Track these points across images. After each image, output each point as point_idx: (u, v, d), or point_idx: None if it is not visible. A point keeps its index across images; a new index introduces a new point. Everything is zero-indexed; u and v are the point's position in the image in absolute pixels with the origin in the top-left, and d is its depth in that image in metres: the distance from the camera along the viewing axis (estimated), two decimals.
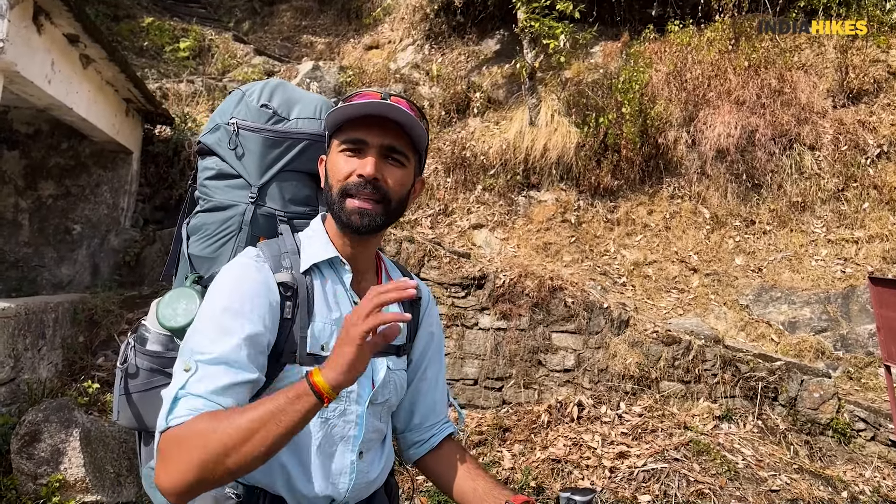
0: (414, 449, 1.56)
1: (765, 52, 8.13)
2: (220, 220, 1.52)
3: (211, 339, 1.18)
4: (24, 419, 3.84)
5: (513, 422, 5.34)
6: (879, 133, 7.29)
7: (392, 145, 1.31)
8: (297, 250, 1.37)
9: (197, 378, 1.14)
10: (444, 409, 1.61)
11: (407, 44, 11.11)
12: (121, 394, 1.48)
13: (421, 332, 1.55)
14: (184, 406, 1.11)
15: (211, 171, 1.57)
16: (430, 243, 6.29)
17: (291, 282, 1.30)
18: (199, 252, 1.53)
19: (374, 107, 1.26)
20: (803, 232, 6.95)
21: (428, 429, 1.56)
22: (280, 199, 1.53)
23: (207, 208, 1.54)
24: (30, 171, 6.51)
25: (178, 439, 1.08)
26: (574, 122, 7.92)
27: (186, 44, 10.36)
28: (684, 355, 5.50)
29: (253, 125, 1.53)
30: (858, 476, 4.80)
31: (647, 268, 6.96)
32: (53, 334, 5.02)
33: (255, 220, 1.50)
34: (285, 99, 1.59)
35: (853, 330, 6.03)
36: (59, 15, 4.52)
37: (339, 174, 1.31)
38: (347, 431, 1.33)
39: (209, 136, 1.59)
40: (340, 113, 1.29)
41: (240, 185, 1.53)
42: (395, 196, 1.33)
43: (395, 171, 1.33)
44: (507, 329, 5.74)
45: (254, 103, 1.56)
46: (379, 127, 1.29)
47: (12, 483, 3.68)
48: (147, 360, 1.47)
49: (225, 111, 1.59)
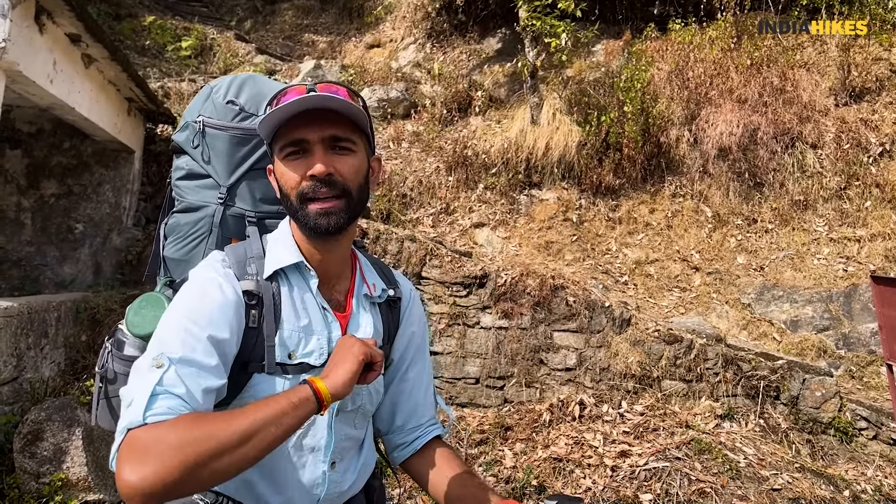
0: (398, 451, 1.51)
1: (767, 51, 8.11)
2: (192, 222, 1.48)
3: (180, 341, 1.12)
4: (26, 418, 3.85)
5: (514, 420, 5.34)
6: (882, 131, 7.27)
7: (334, 135, 1.24)
8: (264, 254, 1.32)
9: (171, 376, 1.06)
10: (430, 410, 1.54)
11: (408, 42, 11.11)
12: (101, 398, 1.45)
13: (401, 332, 1.50)
14: (163, 404, 1.02)
15: (182, 170, 1.52)
16: (432, 242, 6.29)
17: (256, 289, 1.25)
18: (173, 254, 1.49)
19: (302, 102, 1.20)
20: (805, 230, 6.94)
21: (411, 431, 1.50)
22: (250, 199, 1.48)
23: (180, 209, 1.50)
24: (32, 170, 6.53)
25: (160, 437, 0.98)
26: (576, 120, 7.91)
27: (188, 43, 10.37)
28: (686, 354, 5.50)
29: (219, 123, 1.48)
30: (860, 475, 4.79)
31: (649, 266, 6.95)
32: (56, 333, 5.03)
33: (224, 222, 1.46)
34: (254, 94, 1.53)
35: (855, 328, 6.02)
36: (61, 14, 4.53)
37: (291, 181, 1.24)
38: (318, 441, 1.30)
39: (179, 134, 1.54)
40: (271, 119, 1.22)
41: (209, 185, 1.49)
42: (353, 185, 1.26)
43: (346, 160, 1.26)
44: (509, 328, 5.74)
45: (220, 100, 1.50)
46: (316, 121, 1.22)
47: (15, 482, 3.69)
48: (124, 364, 1.41)
49: (193, 109, 1.53)
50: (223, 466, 0.97)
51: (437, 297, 5.85)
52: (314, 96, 1.19)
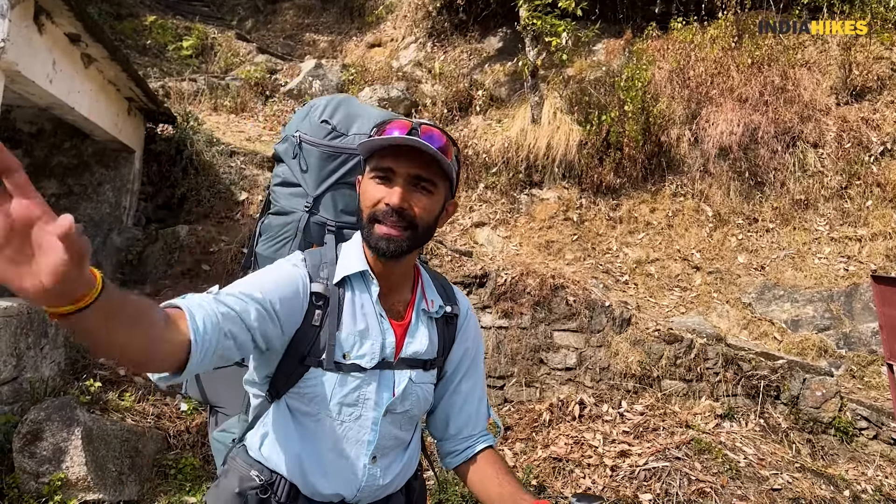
0: (450, 458, 1.61)
1: (768, 50, 8.09)
2: (281, 224, 1.66)
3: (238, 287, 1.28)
4: (26, 418, 3.85)
5: (514, 420, 5.34)
6: (883, 130, 7.25)
7: (419, 174, 1.34)
8: (336, 261, 1.44)
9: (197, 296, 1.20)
10: (482, 422, 1.64)
11: (409, 41, 11.10)
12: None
13: (455, 346, 1.58)
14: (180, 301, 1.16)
15: (278, 178, 1.71)
16: (433, 241, 6.28)
17: (324, 292, 1.37)
18: (264, 251, 1.67)
19: (400, 140, 1.30)
20: (806, 230, 6.92)
21: (463, 440, 1.60)
22: (332, 209, 1.64)
23: (274, 212, 1.69)
24: (32, 170, 6.52)
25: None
26: (576, 119, 7.90)
27: (189, 42, 10.38)
28: (686, 354, 5.49)
29: (313, 139, 1.65)
30: (861, 475, 4.78)
31: (650, 266, 6.94)
32: (56, 333, 5.03)
33: (307, 228, 1.63)
34: (347, 115, 1.68)
35: (856, 328, 6.01)
36: (60, 14, 4.52)
37: (369, 200, 1.36)
38: (361, 436, 1.40)
39: (280, 145, 1.73)
40: (371, 144, 1.35)
41: (299, 193, 1.65)
42: (423, 223, 1.37)
43: (423, 199, 1.36)
44: (509, 327, 5.74)
45: (316, 118, 1.67)
46: (407, 156, 1.33)
47: (14, 481, 3.69)
48: None
49: (293, 124, 1.72)
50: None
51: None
52: (411, 139, 1.29)
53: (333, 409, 1.36)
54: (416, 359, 1.46)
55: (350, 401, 1.37)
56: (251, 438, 1.46)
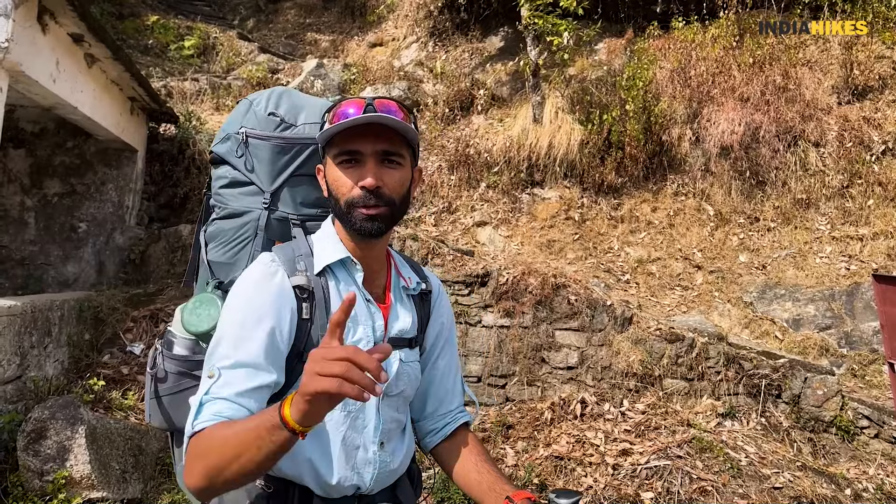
0: (429, 437, 1.61)
1: (769, 49, 8.10)
2: (236, 227, 1.59)
3: (232, 344, 1.25)
4: (30, 416, 3.86)
5: (516, 419, 5.35)
6: (884, 129, 7.26)
7: (386, 149, 1.34)
8: (311, 252, 1.42)
9: (220, 384, 1.21)
10: (459, 397, 1.65)
11: (411, 41, 11.11)
12: (151, 397, 1.56)
13: (432, 322, 1.59)
14: (207, 411, 1.18)
15: (224, 179, 1.64)
16: (434, 241, 6.30)
17: (307, 284, 1.36)
18: (218, 258, 1.60)
19: (362, 120, 1.29)
20: (808, 229, 6.93)
21: (441, 417, 1.61)
22: (292, 203, 1.60)
23: (223, 215, 1.62)
24: (36, 169, 6.55)
25: (195, 445, 1.16)
26: (578, 119, 7.91)
27: (191, 42, 10.39)
28: (688, 353, 5.50)
29: (262, 133, 1.60)
30: (862, 473, 4.79)
31: (651, 265, 6.95)
32: (59, 332, 5.05)
33: (269, 225, 1.57)
34: (291, 106, 1.65)
35: (857, 327, 6.02)
36: (63, 14, 4.54)
37: (342, 187, 1.34)
38: (367, 423, 1.40)
39: (220, 145, 1.66)
40: (333, 130, 1.32)
41: (252, 191, 1.60)
42: (398, 196, 1.37)
43: (394, 173, 1.36)
44: (511, 326, 5.75)
45: (261, 112, 1.62)
46: (370, 135, 1.32)
47: (19, 480, 3.71)
48: (174, 364, 1.55)
49: (234, 121, 1.66)
50: (229, 477, 1.11)
51: None
52: (374, 116, 1.28)
53: None
54: (402, 337, 1.46)
55: None
56: None
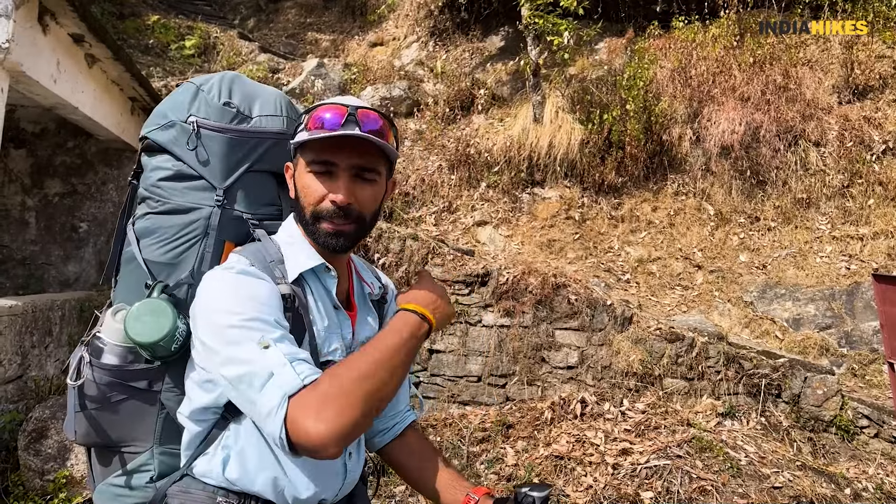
0: (378, 437, 1.58)
1: (770, 48, 8.09)
2: (180, 224, 1.41)
3: (261, 323, 1.16)
4: (31, 416, 3.88)
5: (516, 418, 5.36)
6: (885, 129, 7.25)
7: (362, 165, 1.29)
8: (281, 258, 1.33)
9: (286, 347, 1.14)
10: (405, 396, 1.62)
11: (411, 40, 11.11)
12: (76, 410, 1.38)
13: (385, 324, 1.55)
14: (304, 367, 1.12)
15: (165, 171, 1.45)
16: (434, 241, 6.30)
17: (289, 293, 1.28)
18: (157, 257, 1.42)
19: (340, 135, 1.24)
20: (808, 228, 6.93)
21: (391, 417, 1.58)
22: (246, 201, 1.46)
23: (164, 210, 1.43)
24: (36, 169, 6.56)
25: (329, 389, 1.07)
26: (578, 118, 7.91)
27: (192, 42, 10.39)
28: (688, 352, 5.50)
29: (216, 125, 1.44)
30: (861, 473, 4.79)
31: (651, 265, 6.95)
32: (60, 332, 5.06)
33: (222, 224, 1.42)
34: (245, 94, 1.51)
35: (858, 327, 6.02)
36: (64, 15, 4.55)
37: (311, 197, 1.28)
38: None
39: (160, 133, 1.46)
40: (306, 139, 1.26)
41: (201, 186, 1.43)
42: (369, 213, 1.33)
43: (367, 189, 1.31)
44: (511, 326, 5.75)
45: (214, 100, 1.47)
46: (348, 146, 1.26)
47: (20, 479, 3.72)
48: (105, 373, 1.38)
49: (179, 107, 1.47)
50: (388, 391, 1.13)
51: None
52: (355, 134, 1.23)
53: None
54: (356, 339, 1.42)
55: None
56: (204, 466, 1.30)
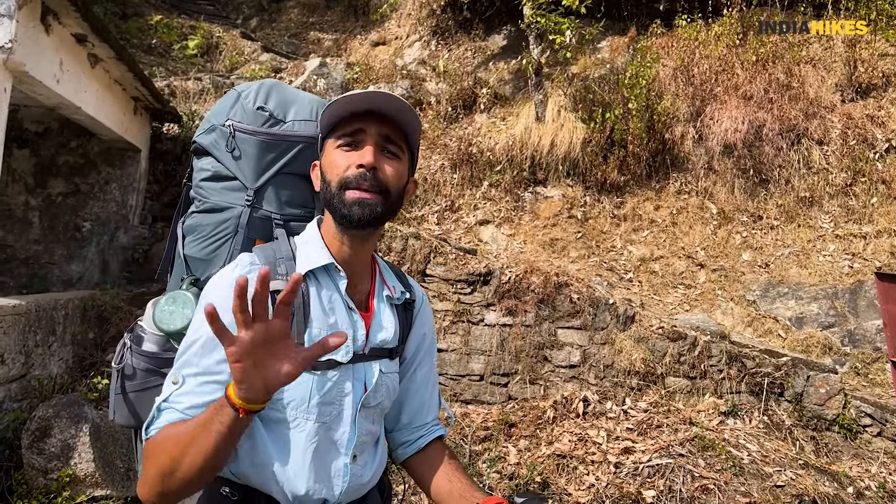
0: (402, 449, 1.56)
1: (773, 47, 8.08)
2: (215, 222, 1.52)
3: (201, 351, 1.21)
4: (34, 415, 3.89)
5: (518, 417, 5.36)
6: (888, 127, 7.24)
7: (388, 135, 1.32)
8: (293, 255, 1.36)
9: (181, 392, 1.18)
10: (434, 410, 1.60)
11: (413, 40, 11.11)
12: (117, 393, 1.50)
13: (413, 333, 1.54)
14: (164, 418, 1.16)
15: (206, 172, 1.56)
16: (437, 240, 6.30)
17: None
18: (195, 253, 1.53)
19: (369, 96, 1.27)
20: (811, 227, 6.92)
21: (416, 429, 1.56)
22: (276, 202, 1.53)
23: (203, 209, 1.55)
24: (40, 169, 6.57)
25: (148, 451, 1.13)
26: (580, 117, 7.90)
27: (194, 41, 10.41)
28: (690, 351, 5.50)
29: (249, 128, 1.53)
30: (864, 472, 4.78)
31: (654, 263, 6.95)
32: (63, 331, 5.08)
33: (251, 223, 1.51)
34: (281, 100, 1.58)
35: (861, 325, 6.01)
36: (66, 15, 4.56)
37: (339, 168, 1.30)
38: (341, 435, 1.34)
39: (204, 136, 1.58)
40: (337, 107, 1.29)
41: (236, 187, 1.54)
42: (393, 187, 1.32)
43: (392, 163, 1.32)
44: (513, 325, 5.76)
45: (250, 105, 1.55)
46: (374, 119, 1.30)
47: (23, 478, 3.73)
48: (143, 360, 1.48)
49: (220, 112, 1.58)
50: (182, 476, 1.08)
51: (441, 295, 5.87)
52: (381, 92, 1.27)
53: (313, 410, 1.28)
54: (384, 347, 1.41)
55: (329, 399, 1.30)
56: None
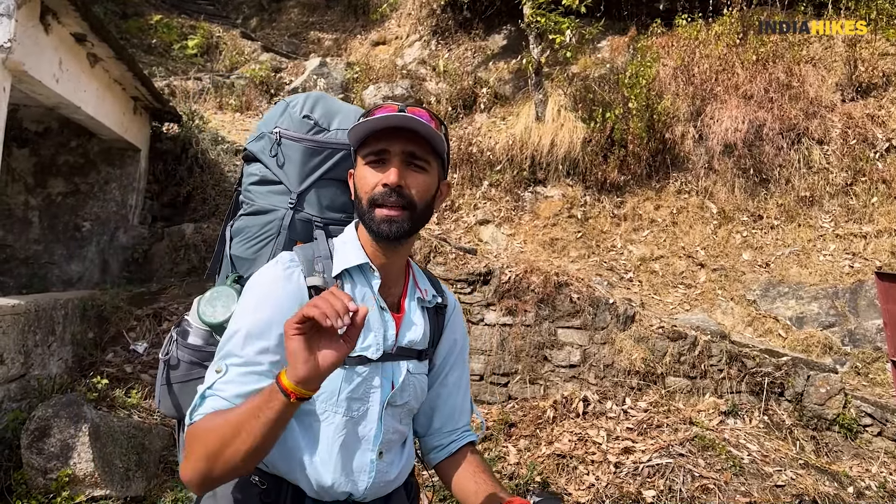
0: (433, 454, 1.60)
1: (773, 46, 8.08)
2: (260, 224, 1.60)
3: (241, 342, 1.27)
4: (33, 414, 3.88)
5: (518, 417, 5.36)
6: (888, 127, 7.23)
7: (412, 151, 1.35)
8: (331, 255, 1.43)
9: (224, 380, 1.24)
10: (466, 416, 1.64)
11: (413, 39, 11.11)
12: (162, 384, 1.59)
13: (444, 337, 1.58)
14: (209, 405, 1.22)
15: (254, 176, 1.66)
16: (437, 239, 6.30)
17: (322, 285, 1.36)
18: (241, 253, 1.62)
19: (392, 119, 1.31)
20: (811, 227, 6.91)
21: (447, 434, 1.60)
22: (317, 206, 1.61)
23: (250, 212, 1.63)
24: (39, 168, 6.57)
25: (193, 435, 1.18)
26: (581, 117, 7.90)
27: (194, 41, 10.42)
28: (690, 350, 5.49)
29: (295, 134, 1.61)
30: (865, 471, 4.78)
31: (654, 263, 6.94)
32: (63, 331, 5.07)
33: (293, 225, 1.59)
34: (326, 110, 1.66)
35: (861, 325, 6.00)
36: (66, 14, 4.55)
37: (367, 186, 1.36)
38: (367, 431, 1.39)
39: (254, 143, 1.68)
40: (361, 128, 1.34)
41: (280, 190, 1.62)
42: (420, 201, 1.37)
43: (418, 177, 1.37)
44: (513, 325, 5.75)
45: (297, 114, 1.64)
46: (399, 137, 1.34)
47: (22, 477, 3.72)
48: (188, 352, 1.58)
49: (269, 120, 1.67)
50: (229, 458, 1.12)
51: None
52: (403, 116, 1.31)
53: (342, 404, 1.35)
54: (412, 348, 1.46)
55: (358, 395, 1.36)
56: None
